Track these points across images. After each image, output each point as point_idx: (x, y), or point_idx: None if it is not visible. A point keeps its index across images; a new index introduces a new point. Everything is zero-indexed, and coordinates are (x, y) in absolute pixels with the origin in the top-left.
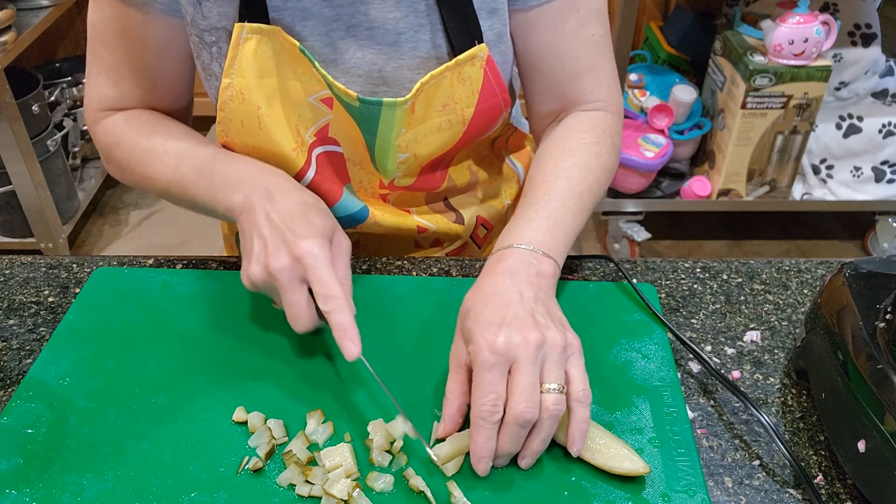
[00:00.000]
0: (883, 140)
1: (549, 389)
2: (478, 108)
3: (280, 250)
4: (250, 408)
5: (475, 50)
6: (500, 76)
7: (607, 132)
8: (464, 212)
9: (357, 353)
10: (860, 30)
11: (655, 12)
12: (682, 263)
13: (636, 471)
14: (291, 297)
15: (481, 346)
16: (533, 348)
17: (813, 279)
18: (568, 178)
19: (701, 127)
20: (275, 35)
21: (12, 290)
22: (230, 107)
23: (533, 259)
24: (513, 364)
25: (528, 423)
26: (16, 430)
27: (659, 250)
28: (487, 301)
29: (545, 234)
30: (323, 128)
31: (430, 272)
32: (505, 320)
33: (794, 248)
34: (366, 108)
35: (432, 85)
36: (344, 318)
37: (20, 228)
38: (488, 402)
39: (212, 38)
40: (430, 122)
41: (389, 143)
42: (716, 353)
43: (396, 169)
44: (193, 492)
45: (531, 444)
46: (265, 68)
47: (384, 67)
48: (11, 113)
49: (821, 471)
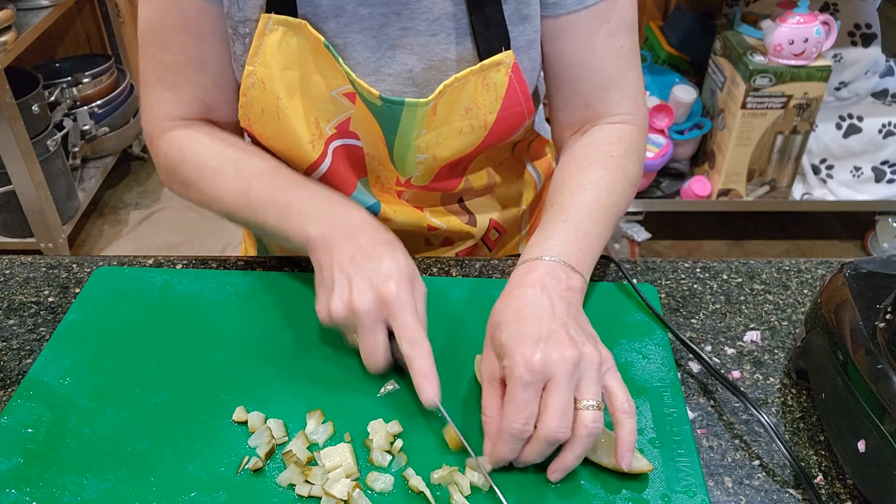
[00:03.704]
0: (883, 140)
1: (588, 406)
2: (500, 115)
3: (366, 289)
4: (250, 408)
5: (501, 56)
6: (525, 84)
7: (633, 146)
8: (478, 214)
9: (435, 399)
10: (860, 30)
11: (655, 12)
12: (682, 263)
13: (640, 468)
14: (372, 337)
15: (518, 362)
16: (570, 367)
17: (813, 279)
18: (596, 189)
19: (701, 127)
20: (301, 28)
21: (12, 290)
22: (252, 93)
23: (563, 273)
24: (549, 381)
25: (559, 441)
26: (16, 429)
27: (659, 250)
28: (520, 315)
29: (574, 246)
30: (344, 121)
31: (429, 272)
32: (541, 336)
33: (794, 248)
34: (388, 108)
35: (456, 88)
36: (426, 363)
37: (20, 228)
38: (521, 419)
39: (245, 29)
40: (452, 125)
41: (409, 142)
42: (716, 353)
43: (414, 168)
44: (193, 492)
45: (565, 460)
46: (288, 60)
47: (414, 68)
48: (11, 113)
49: (821, 471)
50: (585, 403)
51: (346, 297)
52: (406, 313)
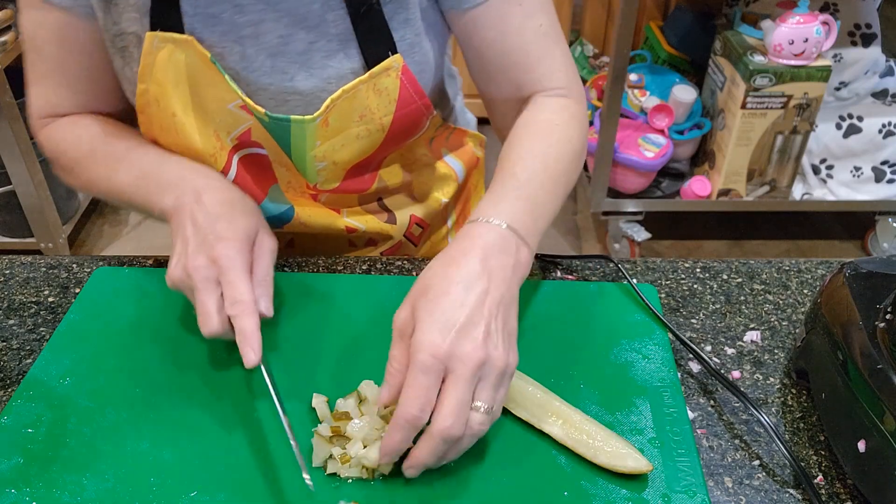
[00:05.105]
0: (883, 140)
1: (478, 408)
2: (396, 115)
3: (199, 251)
4: (251, 407)
5: (389, 61)
6: (416, 84)
7: (575, 117)
8: (397, 212)
9: (256, 360)
10: (860, 30)
11: (655, 12)
12: (682, 263)
13: (639, 469)
14: (202, 297)
15: (424, 345)
16: (473, 365)
17: (813, 279)
18: (544, 159)
19: (701, 127)
20: (187, 44)
21: (12, 290)
22: (148, 111)
23: (513, 244)
24: (449, 375)
25: (453, 440)
26: (16, 429)
27: (659, 250)
28: (449, 289)
29: (525, 215)
30: (245, 132)
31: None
32: (457, 324)
33: (794, 248)
34: (276, 124)
35: (346, 99)
36: (247, 323)
37: (20, 228)
38: (417, 406)
39: (122, 42)
40: (348, 132)
41: (304, 153)
42: (716, 353)
43: (317, 175)
44: (193, 492)
45: (445, 455)
46: (179, 77)
47: (295, 77)
48: (11, 113)
49: (821, 471)
50: (477, 404)
51: (183, 259)
52: (233, 272)
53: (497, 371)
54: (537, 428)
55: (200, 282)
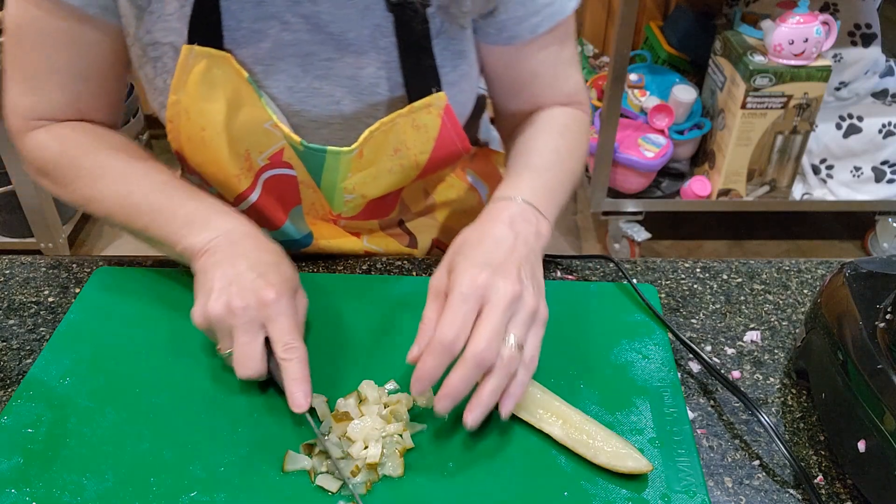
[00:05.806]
0: (883, 140)
1: (509, 342)
2: (433, 155)
3: (246, 292)
4: (250, 407)
5: (432, 98)
6: (458, 124)
7: (584, 127)
8: (419, 236)
9: (304, 405)
10: (860, 30)
11: (655, 12)
12: (682, 263)
13: (639, 469)
14: (244, 338)
15: (463, 277)
16: (509, 298)
17: (813, 279)
18: (558, 154)
19: (701, 127)
20: (225, 61)
21: (12, 290)
22: (178, 121)
23: (533, 216)
24: (485, 305)
25: (485, 365)
26: (16, 429)
27: (659, 250)
28: (483, 241)
29: (542, 196)
30: (277, 152)
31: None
32: (493, 263)
33: (794, 248)
34: (310, 153)
35: (382, 131)
36: (300, 368)
37: (20, 228)
38: (452, 331)
39: (156, 52)
40: (381, 166)
41: (335, 185)
42: (716, 353)
43: (343, 205)
44: (193, 492)
45: (481, 393)
46: (213, 93)
47: (342, 101)
48: None
49: (821, 471)
50: (509, 338)
51: (225, 297)
52: (284, 318)
53: (529, 310)
54: (537, 428)
55: (246, 323)
